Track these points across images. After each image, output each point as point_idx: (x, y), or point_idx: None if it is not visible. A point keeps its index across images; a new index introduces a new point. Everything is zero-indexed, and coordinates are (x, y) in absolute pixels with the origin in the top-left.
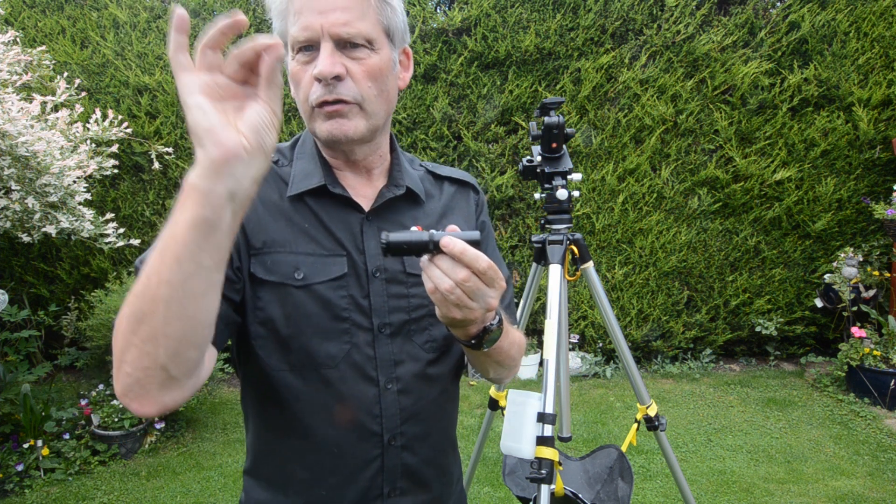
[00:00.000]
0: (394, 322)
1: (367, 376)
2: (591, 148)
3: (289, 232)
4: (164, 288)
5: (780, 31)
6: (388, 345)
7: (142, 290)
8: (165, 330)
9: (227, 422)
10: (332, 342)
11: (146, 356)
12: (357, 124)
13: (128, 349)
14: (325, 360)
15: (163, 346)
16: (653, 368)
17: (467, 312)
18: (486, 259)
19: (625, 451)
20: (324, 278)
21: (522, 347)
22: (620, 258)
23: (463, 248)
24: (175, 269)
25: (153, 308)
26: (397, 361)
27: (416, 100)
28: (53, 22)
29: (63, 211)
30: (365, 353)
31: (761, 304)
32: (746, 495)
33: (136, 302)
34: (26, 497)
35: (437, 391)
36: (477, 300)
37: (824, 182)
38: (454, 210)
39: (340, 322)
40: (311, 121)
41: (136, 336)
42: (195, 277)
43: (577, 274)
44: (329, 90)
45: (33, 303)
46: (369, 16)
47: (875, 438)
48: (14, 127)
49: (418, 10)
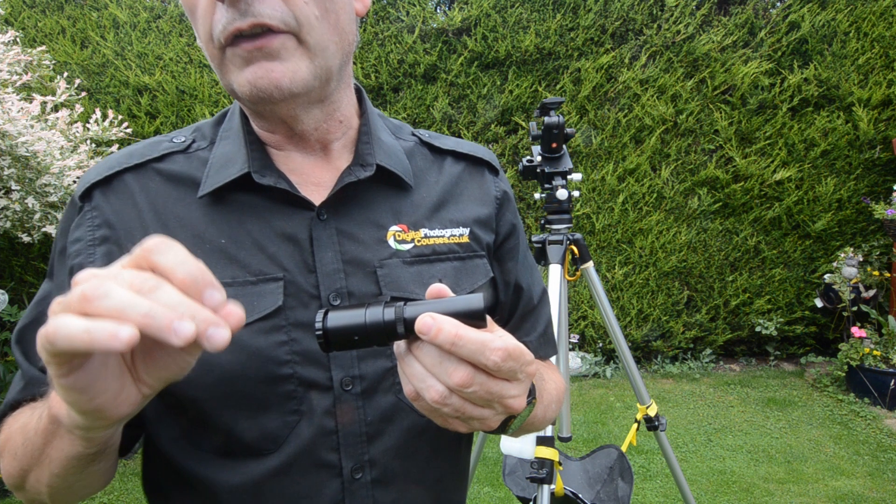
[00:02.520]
0: (367, 373)
1: (324, 463)
2: (591, 148)
3: (199, 254)
4: (45, 488)
5: (780, 31)
6: (357, 409)
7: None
8: (51, 497)
9: None
10: (270, 414)
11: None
12: (295, 67)
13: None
14: (259, 442)
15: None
16: (653, 368)
17: (475, 424)
18: (499, 347)
19: (625, 451)
20: (248, 319)
21: (562, 396)
22: (620, 258)
23: (455, 335)
24: (56, 480)
25: (37, 489)
26: (372, 434)
27: (416, 100)
28: (53, 22)
29: (63, 211)
30: (321, 427)
31: (761, 304)
32: (746, 495)
33: (15, 476)
34: None
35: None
36: (489, 406)
37: (824, 182)
38: (458, 199)
39: (280, 383)
40: (222, 70)
41: (23, 494)
42: (82, 480)
43: (577, 274)
44: (241, 13)
45: None
46: None
47: (875, 438)
48: (14, 127)
49: (418, 10)
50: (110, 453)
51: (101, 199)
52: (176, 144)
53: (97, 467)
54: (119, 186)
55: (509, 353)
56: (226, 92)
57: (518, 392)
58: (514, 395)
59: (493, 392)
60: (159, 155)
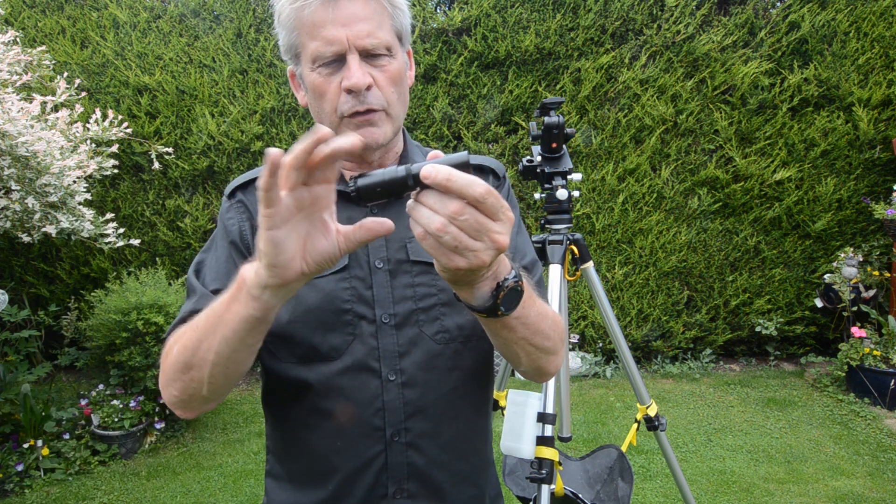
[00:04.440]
0: (399, 312)
1: (369, 368)
2: (591, 148)
3: None
4: (212, 355)
5: (780, 31)
6: (392, 335)
7: (192, 347)
8: (210, 379)
9: (227, 422)
10: (335, 334)
11: (191, 390)
12: (385, 130)
13: (175, 381)
14: (328, 352)
15: (206, 387)
16: (653, 368)
17: (471, 257)
18: (481, 183)
19: (625, 451)
20: (326, 272)
21: (558, 325)
22: (620, 258)
23: (449, 173)
24: (223, 345)
25: (201, 364)
26: (402, 353)
27: (416, 100)
28: (53, 22)
29: (63, 211)
30: (368, 345)
31: (761, 304)
32: (746, 495)
33: (186, 354)
34: (26, 497)
35: (449, 387)
36: (479, 237)
37: (824, 182)
38: None
39: (343, 314)
40: (338, 130)
41: (185, 376)
42: (240, 352)
43: (577, 274)
44: (360, 101)
45: (33, 303)
46: (386, 24)
47: (875, 438)
48: (14, 127)
49: (418, 10)
50: (263, 330)
51: (242, 196)
52: None
53: (252, 341)
54: (252, 189)
55: (490, 191)
56: (225, 92)
57: (502, 230)
58: (498, 230)
59: (482, 222)
60: None
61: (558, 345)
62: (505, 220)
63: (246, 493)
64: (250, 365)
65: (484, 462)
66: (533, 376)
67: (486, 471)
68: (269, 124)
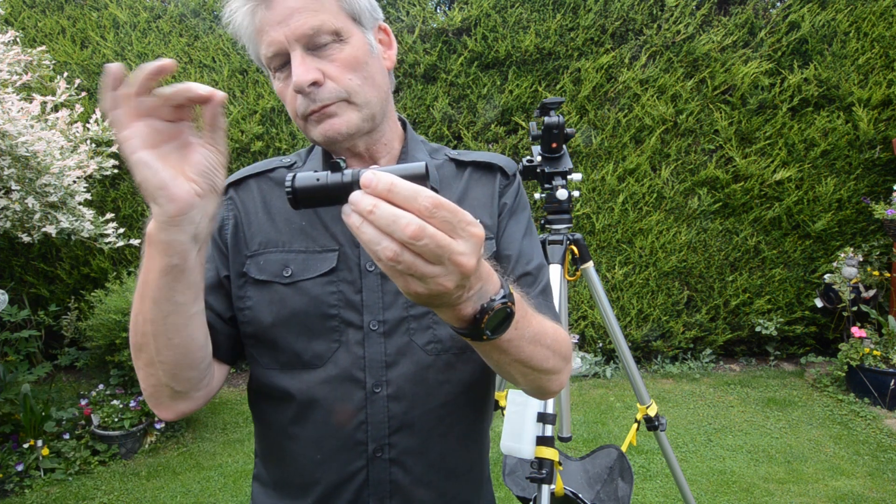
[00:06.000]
0: (388, 319)
1: (354, 378)
2: (591, 148)
3: (286, 232)
4: (149, 325)
5: (780, 31)
6: (379, 343)
7: (133, 327)
8: (159, 358)
9: (227, 422)
10: (319, 340)
11: (150, 377)
12: (349, 118)
13: (137, 370)
14: (310, 359)
15: (161, 370)
16: (653, 368)
17: (430, 283)
18: (430, 194)
19: (625, 451)
20: (312, 274)
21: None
22: (620, 258)
23: (391, 182)
24: (154, 310)
25: (145, 341)
26: (390, 363)
27: (416, 100)
28: (53, 22)
29: (63, 211)
30: (354, 353)
31: (761, 304)
32: (746, 495)
33: (132, 335)
34: (26, 497)
35: (440, 402)
36: (438, 261)
37: (824, 182)
38: (469, 197)
39: (328, 319)
40: (306, 131)
41: (139, 361)
42: (174, 315)
43: (577, 274)
44: (312, 99)
45: (33, 303)
46: (330, 8)
47: (875, 438)
48: (14, 127)
49: (418, 10)
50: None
51: (233, 192)
52: (283, 163)
53: (183, 298)
54: (244, 186)
55: (440, 203)
56: (225, 92)
57: (466, 250)
58: (461, 251)
59: (442, 245)
60: (272, 168)
61: (560, 364)
62: (468, 238)
63: (246, 493)
64: (199, 339)
65: (477, 480)
66: (533, 395)
67: (479, 489)
68: (268, 124)
